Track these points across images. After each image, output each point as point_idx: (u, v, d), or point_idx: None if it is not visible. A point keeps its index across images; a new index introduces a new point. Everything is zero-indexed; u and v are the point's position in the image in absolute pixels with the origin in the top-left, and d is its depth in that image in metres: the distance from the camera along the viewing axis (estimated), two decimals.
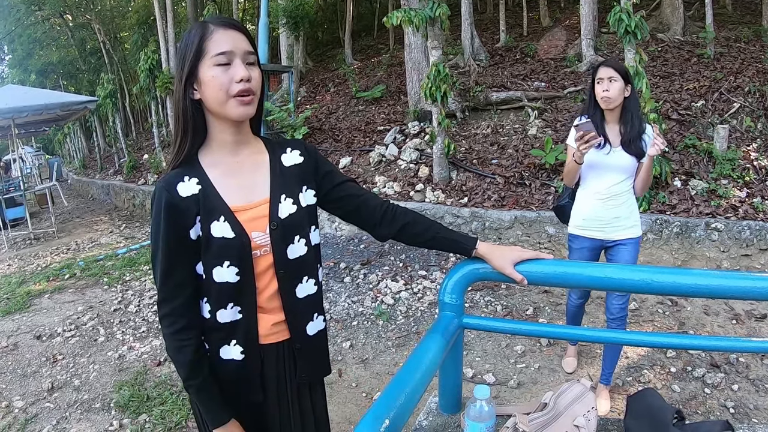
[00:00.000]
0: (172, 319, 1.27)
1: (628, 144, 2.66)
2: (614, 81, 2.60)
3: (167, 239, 1.24)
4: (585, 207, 2.83)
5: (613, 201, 2.73)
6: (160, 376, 3.74)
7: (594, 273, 1.41)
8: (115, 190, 12.92)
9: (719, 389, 3.09)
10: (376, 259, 5.72)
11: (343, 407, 3.22)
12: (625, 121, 2.67)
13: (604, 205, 2.75)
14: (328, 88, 12.24)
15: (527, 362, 3.55)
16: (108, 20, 20.68)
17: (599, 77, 2.64)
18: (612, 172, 2.71)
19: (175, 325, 1.27)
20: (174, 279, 1.26)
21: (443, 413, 1.62)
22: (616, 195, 2.72)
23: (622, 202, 2.74)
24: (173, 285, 1.26)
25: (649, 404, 1.42)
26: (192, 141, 1.28)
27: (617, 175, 2.71)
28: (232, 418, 1.33)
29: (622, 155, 2.67)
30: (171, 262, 1.25)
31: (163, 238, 1.24)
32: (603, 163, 2.69)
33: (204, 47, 1.21)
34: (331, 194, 1.44)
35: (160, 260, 1.25)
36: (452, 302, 1.50)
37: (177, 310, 1.27)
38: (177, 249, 1.25)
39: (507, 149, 6.91)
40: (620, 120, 2.70)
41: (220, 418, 1.32)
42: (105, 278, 6.24)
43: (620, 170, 2.70)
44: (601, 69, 2.66)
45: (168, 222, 1.24)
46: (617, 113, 2.70)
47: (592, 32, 8.60)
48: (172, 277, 1.26)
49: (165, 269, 1.25)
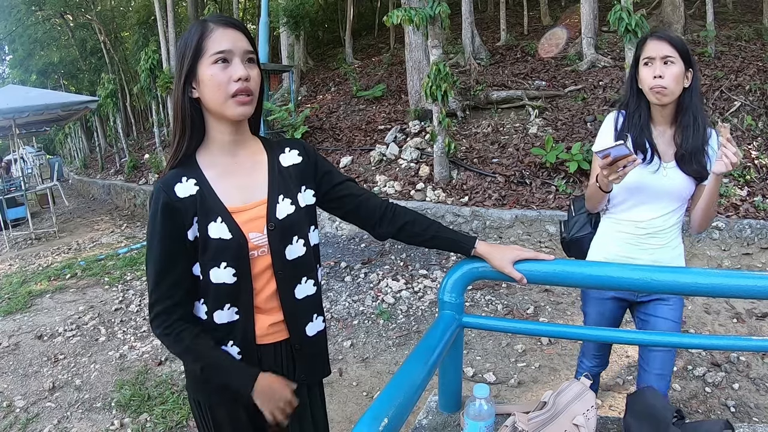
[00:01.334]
0: (164, 317, 1.26)
1: (687, 159, 1.80)
2: (671, 63, 1.73)
3: (163, 240, 1.24)
4: (612, 244, 1.98)
5: (654, 239, 1.90)
6: (161, 375, 3.75)
7: (594, 272, 1.41)
8: (116, 190, 12.94)
9: (720, 388, 3.09)
10: (377, 258, 5.72)
11: (343, 406, 3.23)
12: (684, 125, 1.80)
13: (640, 245, 1.91)
14: (329, 87, 12.24)
15: (528, 361, 3.55)
16: (108, 20, 20.73)
17: (648, 56, 1.77)
18: (658, 198, 1.86)
19: (167, 321, 1.26)
20: (167, 280, 1.25)
21: (443, 412, 1.62)
22: (660, 231, 1.89)
23: (667, 242, 1.90)
24: (166, 286, 1.25)
25: (649, 403, 1.42)
26: (190, 140, 1.28)
27: (665, 203, 1.87)
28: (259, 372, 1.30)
29: (675, 175, 1.82)
30: (165, 263, 1.25)
31: (158, 239, 1.24)
32: (646, 184, 1.84)
33: (203, 46, 1.20)
34: (331, 194, 1.44)
35: (154, 261, 1.25)
36: (452, 301, 1.50)
37: (169, 309, 1.26)
38: (172, 250, 1.25)
39: (507, 148, 6.91)
40: (675, 122, 1.84)
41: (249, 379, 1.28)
42: (106, 278, 6.24)
43: (670, 196, 1.85)
44: (650, 43, 1.78)
45: (164, 223, 1.23)
46: (671, 111, 1.83)
47: (592, 31, 8.59)
48: (165, 279, 1.25)
49: (159, 270, 1.25)
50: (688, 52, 1.75)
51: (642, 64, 1.80)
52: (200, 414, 1.42)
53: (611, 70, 8.01)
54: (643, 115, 1.85)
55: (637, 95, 1.85)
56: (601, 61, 8.31)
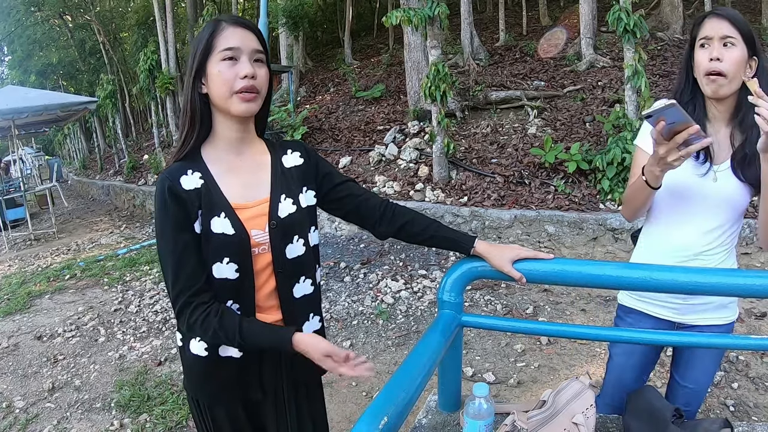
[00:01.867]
0: (192, 307, 1.23)
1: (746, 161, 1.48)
2: (731, 45, 1.43)
3: (175, 229, 1.22)
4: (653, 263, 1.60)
5: (703, 259, 1.57)
6: (161, 375, 3.75)
7: (592, 271, 1.41)
8: (116, 191, 12.93)
9: (719, 387, 3.09)
10: (376, 258, 5.72)
11: (342, 406, 3.23)
12: (749, 123, 1.44)
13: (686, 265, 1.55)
14: (328, 87, 12.25)
15: (527, 361, 3.55)
16: (108, 21, 20.73)
17: (705, 35, 1.47)
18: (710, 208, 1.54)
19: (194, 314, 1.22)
20: (187, 269, 1.22)
21: (442, 411, 1.62)
22: (711, 249, 1.57)
23: (719, 263, 1.59)
24: (186, 276, 1.22)
25: (648, 402, 1.43)
26: (198, 134, 1.29)
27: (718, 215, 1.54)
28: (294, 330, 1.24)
29: (728, 180, 1.51)
30: (181, 252, 1.22)
31: (171, 228, 1.22)
32: (692, 189, 1.54)
33: (213, 42, 1.23)
34: (331, 194, 1.45)
35: (170, 252, 1.23)
36: (451, 300, 1.50)
37: (193, 297, 1.23)
38: (186, 238, 1.23)
39: (506, 148, 6.91)
40: (734, 118, 1.53)
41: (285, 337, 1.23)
42: (105, 278, 6.24)
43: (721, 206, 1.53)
44: (709, 21, 1.48)
45: (174, 211, 1.22)
46: (730, 107, 1.52)
47: (591, 31, 8.61)
48: (185, 268, 1.22)
49: (176, 261, 1.22)
50: (753, 36, 1.44)
51: (698, 46, 1.49)
52: (199, 413, 1.42)
53: (610, 70, 8.03)
54: (698, 108, 1.53)
55: (693, 86, 1.54)
56: (600, 61, 8.33)
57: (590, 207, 5.49)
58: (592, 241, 5.23)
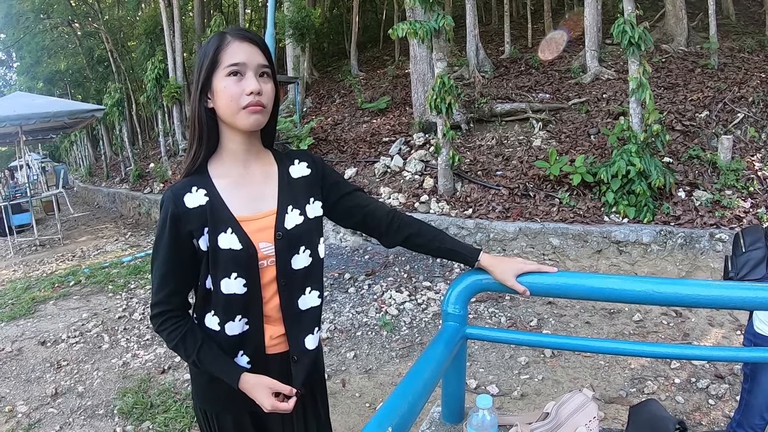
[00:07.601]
0: (163, 317, 1.31)
1: None
2: None
3: (168, 248, 1.27)
4: None
5: None
6: (164, 383, 3.75)
7: (596, 284, 1.41)
8: (121, 199, 12.99)
9: (723, 400, 3.08)
10: (381, 269, 5.72)
11: (346, 417, 3.22)
12: None
13: None
14: (334, 99, 12.30)
15: (531, 373, 3.54)
16: (116, 29, 20.88)
17: None
18: None
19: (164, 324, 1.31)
20: (168, 287, 1.30)
21: (446, 423, 1.62)
22: None
23: None
24: (165, 294, 1.30)
25: (651, 415, 1.42)
26: (206, 149, 1.30)
27: None
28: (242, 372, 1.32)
29: None
30: (168, 270, 1.29)
31: (164, 247, 1.28)
32: None
33: (219, 58, 1.23)
34: (338, 205, 1.45)
35: (158, 266, 1.30)
36: (455, 312, 1.51)
37: (167, 312, 1.31)
38: (175, 259, 1.28)
39: (511, 161, 6.92)
40: None
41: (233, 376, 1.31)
42: (110, 286, 6.26)
43: None
44: None
45: (171, 232, 1.26)
46: None
47: (596, 43, 8.64)
48: (167, 285, 1.30)
49: (162, 275, 1.29)
50: None
51: None
52: (206, 424, 1.42)
53: (615, 82, 8.05)
54: None
55: None
56: (605, 73, 8.35)
57: (595, 219, 5.49)
58: (597, 254, 5.22)
